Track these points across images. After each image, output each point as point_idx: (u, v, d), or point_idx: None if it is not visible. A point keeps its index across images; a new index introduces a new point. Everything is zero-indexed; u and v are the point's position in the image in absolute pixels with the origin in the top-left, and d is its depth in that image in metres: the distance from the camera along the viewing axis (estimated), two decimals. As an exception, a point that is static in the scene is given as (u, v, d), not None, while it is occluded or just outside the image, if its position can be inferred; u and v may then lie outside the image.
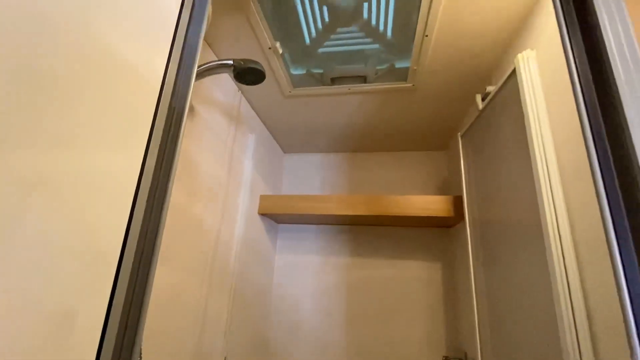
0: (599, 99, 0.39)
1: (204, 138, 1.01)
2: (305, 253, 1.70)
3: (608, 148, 0.38)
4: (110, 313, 0.39)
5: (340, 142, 1.71)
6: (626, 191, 0.37)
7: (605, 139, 0.38)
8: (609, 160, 0.38)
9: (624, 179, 0.38)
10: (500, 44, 0.94)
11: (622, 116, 0.37)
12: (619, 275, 0.36)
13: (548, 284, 0.66)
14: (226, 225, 1.15)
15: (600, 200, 0.38)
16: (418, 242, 1.61)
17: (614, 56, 0.39)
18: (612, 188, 0.38)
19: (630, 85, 0.37)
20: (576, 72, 0.42)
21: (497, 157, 0.95)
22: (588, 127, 0.39)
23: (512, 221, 0.85)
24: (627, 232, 0.36)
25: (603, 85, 0.40)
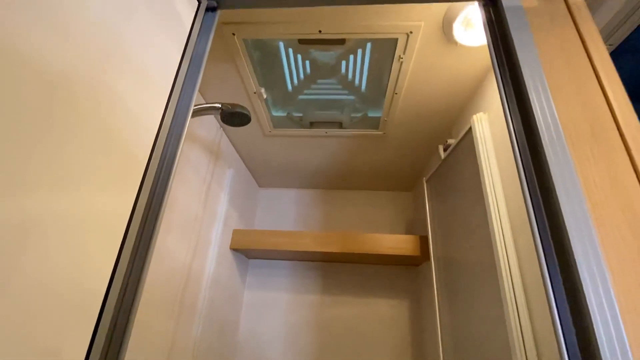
0: (533, 162, 0.49)
1: (184, 173, 1.03)
2: (275, 290, 1.68)
3: (541, 204, 0.47)
4: (91, 352, 0.40)
5: (315, 179, 1.78)
6: (557, 243, 0.45)
7: (538, 195, 0.47)
8: (542, 212, 0.46)
9: (554, 230, 0.46)
10: (458, 105, 1.08)
11: (548, 175, 0.46)
12: (555, 319, 0.42)
13: (503, 322, 0.73)
14: (198, 260, 1.14)
15: (537, 249, 0.46)
16: (387, 280, 1.65)
17: (542, 127, 0.49)
18: (546, 238, 0.46)
19: (554, 150, 0.47)
20: (515, 139, 0.52)
21: (458, 202, 1.05)
22: (525, 184, 0.48)
23: (472, 262, 0.93)
24: (558, 275, 0.44)
25: (535, 150, 0.49)
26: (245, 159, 1.57)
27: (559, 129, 0.49)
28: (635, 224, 0.43)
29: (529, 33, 0.58)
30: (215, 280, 1.27)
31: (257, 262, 1.75)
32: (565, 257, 0.42)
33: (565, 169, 0.46)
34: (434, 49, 0.89)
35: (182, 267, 1.03)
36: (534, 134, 0.50)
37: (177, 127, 0.57)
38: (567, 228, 0.42)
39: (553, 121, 0.50)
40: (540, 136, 0.49)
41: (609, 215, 0.44)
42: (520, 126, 0.53)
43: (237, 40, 0.88)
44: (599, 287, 0.39)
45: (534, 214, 0.47)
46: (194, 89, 0.61)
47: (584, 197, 0.44)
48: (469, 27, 0.81)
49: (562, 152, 0.47)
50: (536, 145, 0.49)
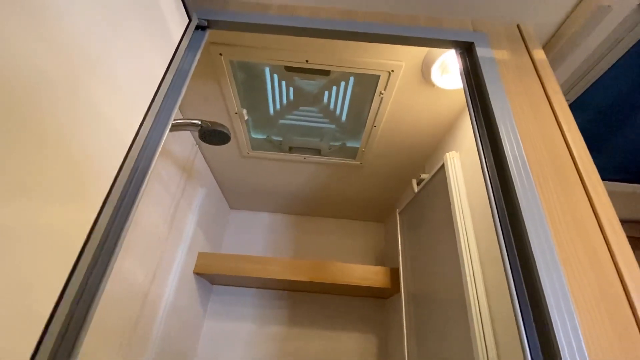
0: (504, 197, 0.51)
1: (152, 190, 0.98)
2: (238, 319, 1.58)
3: (512, 238, 0.48)
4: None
5: (289, 204, 1.75)
6: (527, 279, 0.47)
7: (509, 229, 0.49)
8: (513, 248, 0.48)
9: (523, 262, 0.47)
10: (433, 142, 1.14)
11: (519, 210, 0.48)
12: (526, 355, 0.42)
13: (472, 355, 0.73)
14: (157, 285, 1.05)
15: (509, 286, 0.47)
16: (355, 312, 1.61)
17: (512, 165, 0.52)
18: (516, 271, 0.48)
19: (523, 187, 0.50)
20: (488, 176, 0.55)
21: (429, 236, 1.07)
22: (498, 220, 0.50)
23: (442, 296, 0.94)
24: (529, 312, 0.44)
25: (506, 187, 0.52)
26: (218, 179, 1.52)
27: (527, 169, 0.52)
28: (595, 263, 0.45)
29: (500, 83, 0.63)
30: (173, 308, 1.17)
31: (221, 288, 1.65)
32: (536, 295, 0.43)
33: (533, 204, 0.49)
34: (412, 88, 0.94)
35: (138, 291, 0.95)
36: (505, 172, 0.53)
37: (153, 142, 0.55)
38: (537, 265, 0.44)
39: (522, 162, 0.53)
40: (511, 174, 0.51)
41: (572, 253, 0.46)
42: (492, 165, 0.56)
43: (224, 61, 0.89)
44: (567, 325, 0.40)
45: (505, 250, 0.48)
46: (175, 104, 0.59)
47: (549, 231, 0.47)
48: (445, 72, 0.87)
49: (530, 189, 0.50)
50: (507, 182, 0.52)
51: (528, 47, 0.69)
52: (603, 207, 0.49)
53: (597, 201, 0.49)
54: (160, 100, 0.57)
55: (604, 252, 0.46)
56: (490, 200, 0.53)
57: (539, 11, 0.71)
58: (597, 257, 0.46)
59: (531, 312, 0.45)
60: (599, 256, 0.46)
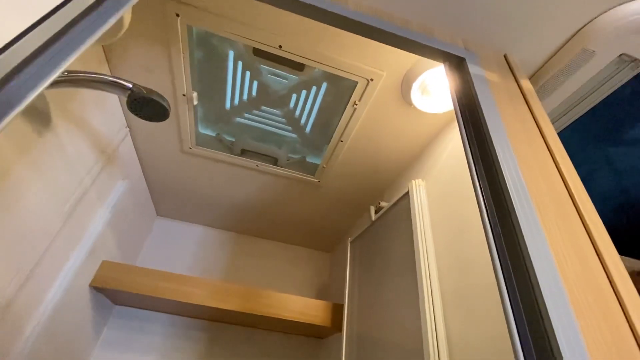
0: (504, 235, 0.42)
1: (49, 165, 0.74)
2: (140, 352, 1.26)
3: (512, 274, 0.39)
4: None
5: (228, 219, 1.54)
6: (535, 329, 0.37)
7: (508, 264, 0.39)
8: (515, 288, 0.38)
9: (527, 306, 0.37)
10: (398, 167, 1.07)
11: (521, 243, 0.39)
12: None
13: None
14: (28, 294, 0.77)
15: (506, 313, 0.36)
16: (285, 352, 1.40)
17: (514, 198, 0.43)
18: (516, 303, 0.38)
19: (526, 219, 0.41)
20: (483, 201, 0.46)
21: (384, 271, 0.96)
22: (497, 259, 0.40)
23: (393, 341, 0.81)
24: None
25: (507, 223, 0.43)
26: (148, 175, 1.28)
27: (527, 197, 0.44)
28: (607, 311, 0.37)
29: (493, 103, 0.57)
30: (50, 328, 0.87)
31: (125, 310, 1.33)
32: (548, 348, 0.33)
33: (537, 237, 0.40)
34: (388, 104, 0.87)
35: (-11, 302, 0.66)
36: (501, 197, 0.45)
37: (40, 69, 0.36)
38: (549, 314, 0.34)
39: (522, 188, 0.45)
40: (512, 202, 0.43)
41: (583, 300, 0.37)
42: (488, 193, 0.47)
43: (180, 25, 0.73)
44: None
45: (506, 292, 0.38)
46: (81, 42, 0.41)
47: (557, 270, 0.38)
48: (425, 93, 0.82)
49: (534, 222, 0.42)
50: (509, 217, 0.43)
51: (515, 76, 0.66)
52: (602, 241, 0.43)
53: (595, 234, 0.43)
54: (59, 24, 0.39)
55: (610, 293, 0.39)
56: (487, 231, 0.43)
57: (525, 47, 0.70)
58: (603, 297, 0.38)
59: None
60: (606, 297, 0.38)
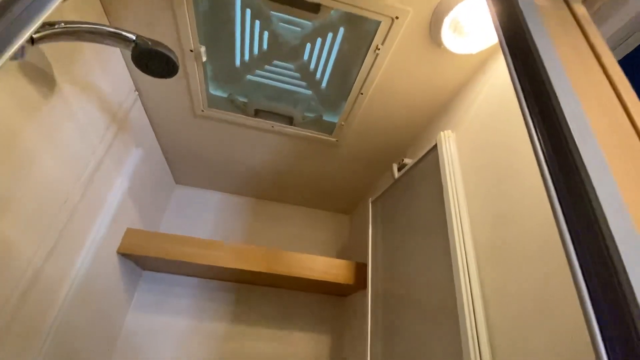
0: (561, 173, 0.37)
1: (60, 131, 0.71)
2: (171, 314, 1.32)
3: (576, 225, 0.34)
4: None
5: (246, 184, 1.53)
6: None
7: (570, 206, 0.35)
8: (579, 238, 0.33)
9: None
10: (423, 118, 1.00)
11: (587, 185, 0.34)
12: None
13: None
14: (57, 263, 0.78)
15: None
16: (309, 310, 1.44)
17: (573, 128, 0.37)
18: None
19: (590, 160, 0.36)
20: (537, 139, 0.40)
21: (410, 229, 0.93)
22: (554, 192, 0.35)
23: (423, 296, 0.80)
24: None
25: (564, 160, 0.37)
26: (162, 142, 1.25)
27: (594, 140, 0.39)
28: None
29: (545, 31, 0.49)
30: (82, 293, 0.90)
31: (153, 275, 1.37)
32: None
33: (609, 188, 0.35)
34: (415, 46, 0.79)
35: (22, 268, 0.67)
36: (564, 145, 0.39)
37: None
38: (626, 272, 0.29)
39: (587, 131, 0.39)
40: (578, 148, 0.37)
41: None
42: (543, 132, 0.41)
43: (180, -33, 0.65)
44: None
45: (571, 243, 0.34)
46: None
47: (630, 219, 0.33)
48: (457, 30, 0.73)
49: (603, 168, 0.36)
50: (570, 159, 0.38)
51: (567, 1, 0.57)
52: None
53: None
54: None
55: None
56: (545, 176, 0.38)
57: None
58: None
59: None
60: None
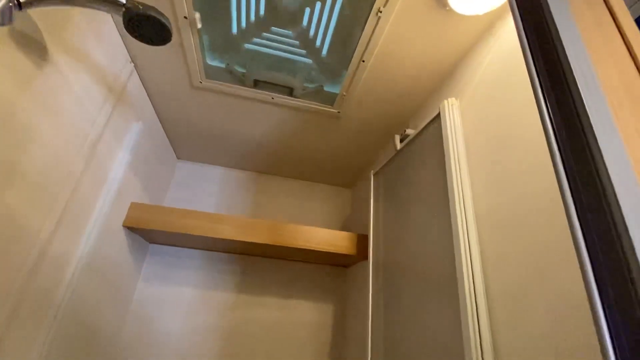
0: (567, 135, 0.36)
1: (56, 101, 0.70)
2: (179, 284, 1.37)
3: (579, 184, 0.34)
4: None
5: (248, 159, 1.53)
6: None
7: (574, 169, 0.34)
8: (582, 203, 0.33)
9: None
10: (427, 88, 0.97)
11: (593, 148, 0.33)
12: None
13: (459, 332, 0.61)
14: (65, 235, 0.80)
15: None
16: (312, 280, 1.49)
17: (582, 87, 0.36)
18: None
19: (596, 110, 0.35)
20: (544, 101, 0.39)
21: (411, 200, 0.93)
22: (558, 153, 0.35)
23: (423, 265, 0.81)
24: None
25: (571, 120, 0.36)
26: (162, 115, 1.24)
27: (603, 100, 0.37)
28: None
29: None
30: (91, 266, 0.92)
31: (160, 248, 1.41)
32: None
33: (616, 150, 0.34)
34: (419, 7, 0.75)
35: (31, 241, 0.69)
36: (570, 104, 0.38)
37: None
38: (632, 243, 0.29)
39: (596, 90, 0.38)
40: (586, 108, 0.36)
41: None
42: (550, 90, 0.40)
43: None
44: None
45: (574, 207, 0.33)
46: None
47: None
48: (464, -10, 0.69)
49: (611, 129, 0.35)
50: (576, 120, 0.37)
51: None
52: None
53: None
54: None
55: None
56: (549, 137, 0.37)
57: None
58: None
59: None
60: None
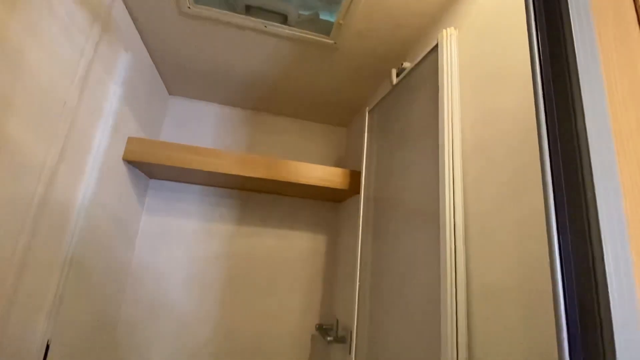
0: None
1: (42, 25, 0.67)
2: (181, 217, 1.45)
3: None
4: None
5: (242, 96, 1.50)
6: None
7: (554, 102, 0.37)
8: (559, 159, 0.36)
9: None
10: (427, 17, 0.94)
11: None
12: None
13: (436, 262, 0.68)
14: (69, 165, 0.83)
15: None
16: (307, 214, 1.58)
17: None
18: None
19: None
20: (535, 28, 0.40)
21: (404, 136, 0.96)
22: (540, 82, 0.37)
23: (410, 199, 0.88)
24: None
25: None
26: (150, 48, 1.19)
27: (595, 50, 0.38)
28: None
29: None
30: (97, 195, 0.97)
31: (160, 183, 1.46)
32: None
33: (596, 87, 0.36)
34: None
35: (38, 168, 0.72)
36: (561, 48, 0.39)
37: None
38: (594, 187, 0.33)
39: (591, 41, 0.38)
40: (576, 54, 0.37)
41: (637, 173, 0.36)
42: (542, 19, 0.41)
43: None
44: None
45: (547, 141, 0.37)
46: None
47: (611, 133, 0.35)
48: None
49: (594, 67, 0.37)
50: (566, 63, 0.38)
51: None
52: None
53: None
54: None
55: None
56: (535, 68, 0.39)
57: None
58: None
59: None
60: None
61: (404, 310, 0.81)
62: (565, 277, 0.35)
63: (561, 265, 0.35)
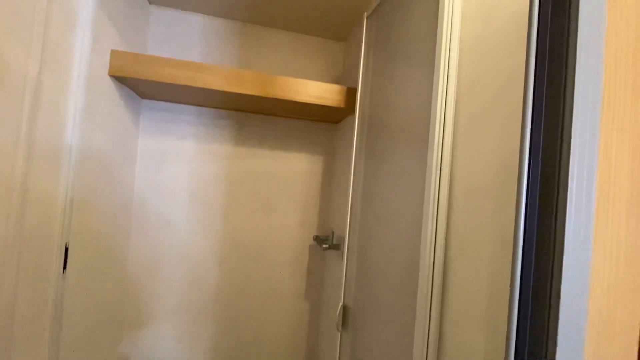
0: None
1: None
2: (178, 138, 1.45)
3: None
4: None
5: (230, 5, 1.37)
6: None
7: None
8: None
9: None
10: None
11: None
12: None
13: (423, 177, 0.70)
14: (51, 76, 0.80)
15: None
16: (304, 135, 1.58)
17: None
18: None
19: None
20: None
21: (401, 50, 0.90)
22: None
23: (403, 115, 0.86)
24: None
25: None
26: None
27: None
28: None
29: None
30: (89, 113, 0.96)
31: (153, 104, 1.43)
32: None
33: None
34: None
35: (20, 76, 0.70)
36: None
37: None
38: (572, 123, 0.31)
39: None
40: None
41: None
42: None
43: None
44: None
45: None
46: None
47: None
48: None
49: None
50: None
51: None
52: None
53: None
54: None
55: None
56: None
57: None
58: None
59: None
60: None
61: (389, 217, 0.87)
62: (532, 166, 0.36)
63: (529, 155, 0.37)
